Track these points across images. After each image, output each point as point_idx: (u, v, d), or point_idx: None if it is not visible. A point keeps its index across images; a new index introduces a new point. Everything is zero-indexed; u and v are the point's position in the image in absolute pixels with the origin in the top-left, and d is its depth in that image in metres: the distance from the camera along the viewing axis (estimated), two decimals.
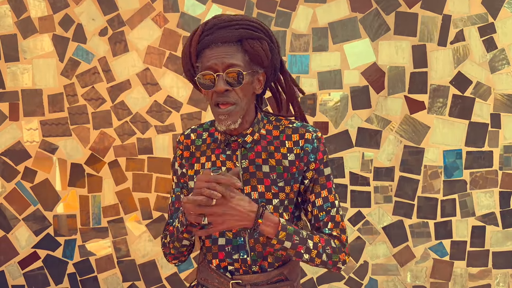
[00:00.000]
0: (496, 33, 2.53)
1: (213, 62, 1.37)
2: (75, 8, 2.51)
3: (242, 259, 1.43)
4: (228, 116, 1.38)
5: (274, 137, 1.46)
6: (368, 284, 2.62)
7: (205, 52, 1.40)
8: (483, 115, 2.56)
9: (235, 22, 1.40)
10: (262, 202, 1.37)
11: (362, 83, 2.55)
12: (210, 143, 1.50)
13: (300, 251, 1.36)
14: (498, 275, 2.63)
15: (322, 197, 1.44)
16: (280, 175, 1.43)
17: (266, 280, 1.43)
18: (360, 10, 2.53)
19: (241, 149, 1.45)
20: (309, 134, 1.44)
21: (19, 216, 2.59)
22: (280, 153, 1.44)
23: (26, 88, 2.54)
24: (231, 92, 1.37)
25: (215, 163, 1.46)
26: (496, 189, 2.59)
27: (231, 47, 1.39)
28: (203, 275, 1.49)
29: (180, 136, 1.54)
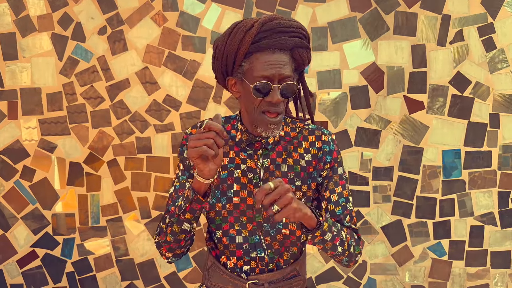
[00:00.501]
0: (496, 33, 2.53)
1: (271, 72, 1.35)
2: (74, 6, 2.51)
3: (260, 257, 1.43)
4: (277, 125, 1.39)
5: (293, 137, 1.48)
6: (367, 284, 2.63)
7: (258, 56, 1.37)
8: (482, 115, 2.57)
9: (292, 29, 1.39)
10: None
11: (361, 83, 2.55)
12: (228, 140, 1.48)
13: (336, 243, 1.36)
14: (497, 275, 2.64)
15: (337, 193, 1.45)
16: (297, 174, 1.44)
17: (281, 277, 1.44)
18: (359, 9, 2.53)
19: (262, 149, 1.46)
20: (326, 136, 1.48)
21: (18, 215, 2.59)
22: (298, 153, 1.46)
23: (25, 87, 2.54)
24: (281, 102, 1.38)
25: (233, 160, 1.45)
26: (494, 189, 2.60)
27: (285, 55, 1.38)
28: (214, 280, 1.46)
29: (193, 129, 1.48)
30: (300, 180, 1.44)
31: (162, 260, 2.62)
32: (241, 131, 1.46)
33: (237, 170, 1.44)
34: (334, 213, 1.45)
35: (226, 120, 1.51)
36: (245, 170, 1.44)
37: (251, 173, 1.44)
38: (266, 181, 1.43)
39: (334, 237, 1.35)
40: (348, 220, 1.44)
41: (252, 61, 1.37)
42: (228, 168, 1.45)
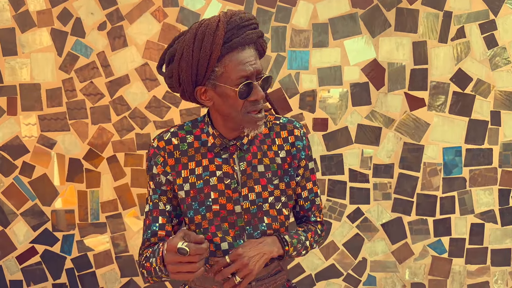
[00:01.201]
0: (497, 30, 2.52)
1: (249, 70, 1.29)
2: (73, 2, 2.49)
3: None
4: (263, 121, 1.37)
5: (265, 135, 1.47)
6: (367, 281, 2.62)
7: (231, 56, 1.29)
8: (483, 112, 2.56)
9: (251, 22, 1.35)
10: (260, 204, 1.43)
11: (362, 80, 2.54)
12: (199, 147, 1.42)
13: (301, 252, 1.51)
14: (497, 272, 2.63)
15: (308, 189, 1.54)
16: (274, 173, 1.45)
17: (267, 273, 1.46)
18: (360, 6, 2.51)
19: (237, 152, 1.42)
20: (298, 130, 1.48)
21: (17, 211, 2.58)
22: (272, 151, 1.46)
23: (24, 83, 2.53)
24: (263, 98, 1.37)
25: (207, 168, 1.41)
26: (495, 187, 2.59)
27: (253, 49, 1.34)
28: (198, 281, 1.44)
29: (159, 142, 1.42)
30: (278, 179, 1.45)
31: None
32: (213, 135, 1.41)
33: (212, 177, 1.40)
34: (303, 207, 1.56)
35: (194, 124, 1.45)
36: (221, 176, 1.40)
37: (228, 179, 1.40)
38: (244, 184, 1.41)
39: (299, 250, 1.48)
40: (316, 214, 1.57)
41: (226, 64, 1.29)
42: (203, 177, 1.40)
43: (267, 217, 1.43)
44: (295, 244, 1.46)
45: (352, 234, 2.60)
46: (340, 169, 2.58)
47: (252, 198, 1.42)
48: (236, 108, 1.33)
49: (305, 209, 1.56)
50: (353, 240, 2.60)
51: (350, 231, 2.60)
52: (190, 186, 1.41)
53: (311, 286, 2.62)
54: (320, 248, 2.61)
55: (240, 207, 1.41)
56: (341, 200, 2.59)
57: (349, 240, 2.61)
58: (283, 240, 1.43)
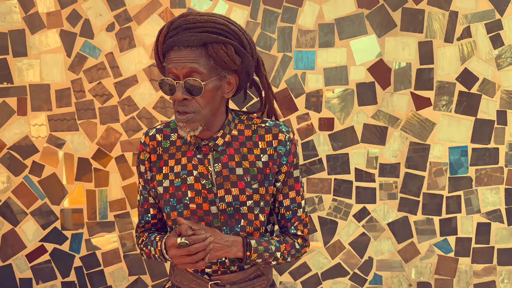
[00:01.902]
0: (503, 29, 2.52)
1: (173, 66, 1.32)
2: (82, 3, 2.53)
3: (221, 262, 1.44)
4: (187, 123, 1.34)
5: (247, 137, 1.44)
6: (373, 280, 2.63)
7: (168, 55, 1.35)
8: (489, 112, 2.56)
9: (200, 24, 1.32)
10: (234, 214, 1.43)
11: (368, 79, 2.56)
12: (181, 146, 1.45)
13: (269, 261, 1.46)
14: (503, 272, 2.64)
15: (290, 198, 1.49)
16: (254, 177, 1.42)
17: (244, 277, 1.46)
18: (366, 6, 2.53)
19: (212, 153, 1.42)
20: (283, 135, 1.43)
21: (27, 210, 2.62)
22: (254, 154, 1.43)
23: (33, 83, 2.56)
24: (191, 100, 1.33)
25: (185, 166, 1.43)
26: (501, 186, 2.59)
27: (193, 52, 1.31)
28: (178, 278, 1.48)
29: (145, 138, 1.48)
30: (257, 183, 1.43)
31: None
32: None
33: (190, 176, 1.42)
34: (284, 216, 1.50)
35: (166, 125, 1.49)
36: (197, 176, 1.42)
37: (203, 179, 1.41)
38: (220, 186, 1.41)
39: (266, 259, 1.44)
40: (296, 225, 1.51)
41: (166, 60, 1.36)
42: (181, 176, 1.42)
43: (244, 220, 1.43)
44: (261, 251, 1.42)
45: (358, 233, 2.62)
46: (346, 168, 2.59)
47: (229, 200, 1.41)
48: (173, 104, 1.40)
49: (285, 218, 1.51)
50: (359, 239, 2.62)
51: (356, 230, 2.62)
52: (169, 183, 1.44)
53: (317, 285, 2.64)
54: (326, 247, 2.62)
55: (216, 208, 1.42)
56: (347, 199, 2.60)
57: (355, 240, 2.62)
58: (247, 244, 1.40)
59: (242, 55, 1.38)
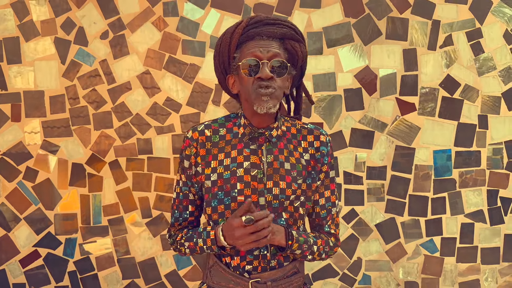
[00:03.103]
0: (483, 38, 2.64)
1: (259, 49, 1.43)
2: (76, 11, 2.58)
3: (262, 255, 1.46)
4: (270, 97, 1.42)
5: (292, 135, 1.53)
6: (362, 280, 2.71)
7: (248, 43, 1.45)
8: (471, 116, 2.67)
9: (280, 22, 1.48)
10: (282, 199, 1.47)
11: (355, 86, 2.65)
12: (230, 139, 1.50)
13: (306, 255, 1.50)
14: (486, 270, 2.73)
15: (325, 197, 1.55)
16: (299, 173, 1.49)
17: (283, 274, 1.48)
18: (353, 15, 2.63)
19: (266, 144, 1.49)
20: (324, 137, 1.54)
21: (21, 215, 2.64)
22: (298, 152, 1.51)
23: (28, 90, 2.60)
24: (273, 80, 1.42)
25: (235, 159, 1.47)
26: (484, 188, 2.69)
27: (275, 42, 1.45)
28: (216, 279, 1.49)
29: (193, 133, 1.52)
30: (302, 179, 1.49)
31: (163, 259, 2.68)
32: (244, 125, 1.49)
33: (239, 169, 1.46)
34: (318, 215, 1.55)
35: (226, 119, 1.55)
36: (248, 167, 1.46)
37: (254, 169, 1.46)
38: (270, 177, 1.46)
39: (304, 251, 1.48)
40: (329, 224, 1.56)
41: (242, 50, 1.46)
42: (231, 168, 1.47)
43: (285, 213, 1.47)
44: (301, 242, 1.46)
45: (348, 234, 2.69)
46: (335, 171, 2.67)
47: (276, 192, 1.46)
48: (248, 87, 1.44)
49: (320, 217, 1.55)
50: (348, 240, 2.69)
51: (346, 232, 2.69)
52: (217, 176, 1.47)
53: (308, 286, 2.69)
54: None
55: (264, 199, 1.46)
56: None
57: (344, 241, 2.69)
58: (289, 234, 1.44)
59: (306, 55, 1.53)
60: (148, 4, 2.58)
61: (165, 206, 2.65)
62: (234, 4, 2.59)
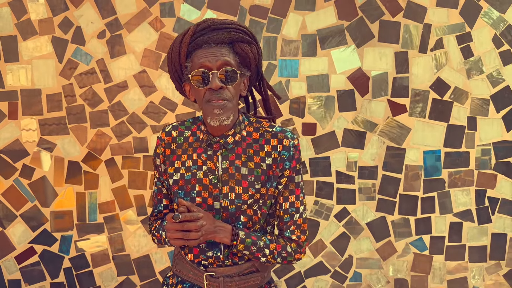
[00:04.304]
0: (473, 41, 2.71)
1: (207, 59, 1.42)
2: (74, 11, 2.61)
3: (216, 257, 1.52)
4: (223, 110, 1.42)
5: (254, 140, 1.52)
6: (353, 277, 2.76)
7: (196, 52, 1.44)
8: (460, 118, 2.73)
9: (227, 25, 1.47)
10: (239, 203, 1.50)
11: (348, 87, 2.70)
12: (193, 142, 1.54)
13: (258, 256, 1.52)
14: (474, 268, 2.80)
15: (289, 202, 1.54)
16: (257, 178, 1.50)
17: (238, 272, 1.52)
18: (346, 18, 2.68)
19: (222, 150, 1.51)
20: (287, 141, 1.51)
21: (17, 212, 2.66)
22: (259, 156, 1.51)
23: (25, 88, 2.62)
24: (225, 90, 1.43)
25: (196, 162, 1.51)
26: (472, 188, 2.76)
27: (223, 48, 1.44)
28: (178, 267, 1.58)
29: (162, 133, 1.58)
30: (260, 183, 1.50)
31: (157, 256, 2.71)
32: (203, 131, 1.52)
33: (199, 171, 1.51)
34: (282, 219, 1.56)
35: (194, 121, 1.58)
36: (206, 171, 1.50)
37: (211, 174, 1.50)
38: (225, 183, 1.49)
39: (254, 253, 1.50)
40: (291, 229, 1.54)
41: (193, 58, 1.45)
42: (192, 170, 1.51)
43: (243, 216, 1.50)
44: (249, 244, 1.48)
45: (339, 233, 2.74)
46: (328, 171, 2.72)
47: (232, 197, 1.49)
48: (200, 98, 1.46)
49: (283, 221, 1.55)
50: (340, 238, 2.74)
51: (337, 230, 2.74)
52: (179, 176, 1.53)
53: (300, 283, 2.75)
54: (309, 247, 2.74)
55: (219, 204, 1.50)
56: (329, 200, 2.73)
57: (336, 239, 2.75)
58: (236, 234, 1.47)
59: (259, 55, 1.54)
60: (145, 4, 2.62)
61: None
62: (230, 6, 2.64)
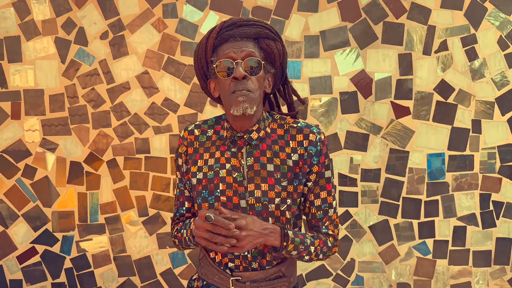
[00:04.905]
0: (478, 43, 2.68)
1: (232, 50, 1.44)
2: (77, 12, 2.62)
3: (243, 256, 1.48)
4: (246, 98, 1.42)
5: (279, 136, 1.50)
6: (355, 281, 2.74)
7: (222, 46, 1.47)
8: (465, 120, 2.71)
9: (253, 22, 1.49)
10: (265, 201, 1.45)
11: (351, 89, 2.68)
12: (216, 140, 1.53)
13: (303, 255, 1.48)
14: (478, 273, 2.77)
15: (321, 198, 1.51)
16: (284, 175, 1.47)
17: (264, 277, 1.48)
18: (349, 19, 2.66)
19: (246, 147, 1.49)
20: (314, 135, 1.49)
21: (19, 212, 2.67)
22: (285, 152, 1.48)
23: (28, 88, 2.63)
24: (248, 80, 1.43)
25: (218, 160, 1.50)
26: (476, 191, 2.73)
27: (249, 42, 1.46)
28: (203, 270, 1.54)
29: (184, 132, 1.57)
30: (287, 181, 1.47)
31: (158, 257, 2.71)
32: (226, 128, 1.51)
33: (222, 170, 1.48)
34: (315, 216, 1.52)
35: (217, 120, 1.57)
36: (229, 169, 1.48)
37: (235, 172, 1.47)
38: (251, 180, 1.46)
39: (300, 252, 1.46)
40: (327, 225, 1.52)
41: (218, 53, 1.47)
42: (214, 169, 1.49)
43: (271, 218, 1.46)
44: (297, 243, 1.44)
45: (341, 235, 2.72)
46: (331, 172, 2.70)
47: (258, 195, 1.46)
48: (224, 90, 1.46)
49: (316, 218, 1.53)
50: (342, 241, 2.72)
51: (340, 233, 2.72)
52: (202, 175, 1.50)
53: (302, 286, 2.73)
54: None
55: (245, 202, 1.47)
56: None
57: None
58: (285, 234, 1.43)
59: (284, 53, 1.53)
60: (148, 5, 2.62)
61: (162, 205, 2.69)
62: (233, 7, 2.63)
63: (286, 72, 1.58)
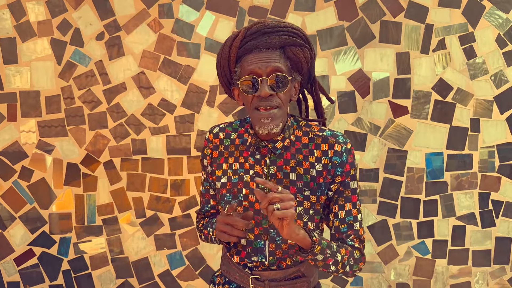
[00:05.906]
0: (476, 42, 2.66)
1: (257, 66, 1.37)
2: (73, 13, 2.60)
3: (261, 262, 1.46)
4: (271, 119, 1.37)
5: (303, 144, 1.46)
6: (354, 281, 2.73)
7: (246, 57, 1.40)
8: (463, 119, 2.69)
9: (278, 29, 1.41)
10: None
11: (348, 88, 2.67)
12: (239, 144, 1.50)
13: (329, 263, 1.40)
14: (477, 272, 2.75)
15: (346, 210, 1.44)
16: (306, 184, 1.42)
17: (283, 276, 1.45)
18: (347, 18, 2.65)
19: (270, 155, 1.45)
20: (339, 146, 1.43)
21: (16, 214, 2.66)
22: (308, 162, 1.43)
23: (24, 90, 2.62)
24: (274, 96, 1.37)
25: (243, 165, 1.47)
26: (475, 191, 2.72)
27: (274, 53, 1.39)
28: (225, 268, 1.54)
29: (209, 135, 1.54)
30: (309, 190, 1.43)
31: (156, 259, 2.70)
32: (251, 135, 1.47)
33: (246, 175, 1.46)
34: (338, 229, 1.45)
35: (241, 123, 1.54)
36: (253, 175, 1.45)
37: None
38: None
39: (327, 258, 1.38)
40: (352, 238, 1.45)
41: (242, 64, 1.41)
42: (239, 173, 1.47)
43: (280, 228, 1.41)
44: (324, 246, 1.37)
45: None
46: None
47: None
48: (248, 103, 1.42)
49: (340, 231, 1.45)
50: None
51: None
52: (227, 179, 1.49)
53: None
54: None
55: None
56: None
57: None
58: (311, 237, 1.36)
59: (312, 59, 1.47)
60: (144, 6, 2.61)
61: (160, 206, 2.68)
62: (229, 7, 2.62)
63: (313, 74, 1.53)
